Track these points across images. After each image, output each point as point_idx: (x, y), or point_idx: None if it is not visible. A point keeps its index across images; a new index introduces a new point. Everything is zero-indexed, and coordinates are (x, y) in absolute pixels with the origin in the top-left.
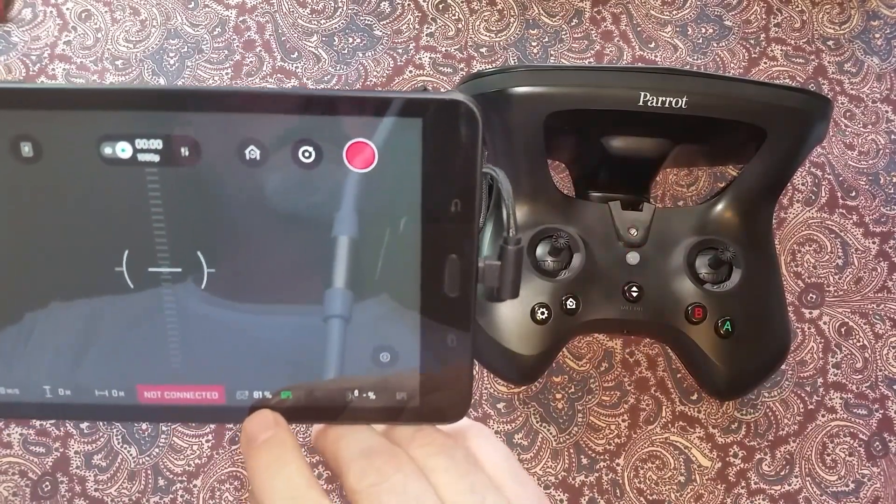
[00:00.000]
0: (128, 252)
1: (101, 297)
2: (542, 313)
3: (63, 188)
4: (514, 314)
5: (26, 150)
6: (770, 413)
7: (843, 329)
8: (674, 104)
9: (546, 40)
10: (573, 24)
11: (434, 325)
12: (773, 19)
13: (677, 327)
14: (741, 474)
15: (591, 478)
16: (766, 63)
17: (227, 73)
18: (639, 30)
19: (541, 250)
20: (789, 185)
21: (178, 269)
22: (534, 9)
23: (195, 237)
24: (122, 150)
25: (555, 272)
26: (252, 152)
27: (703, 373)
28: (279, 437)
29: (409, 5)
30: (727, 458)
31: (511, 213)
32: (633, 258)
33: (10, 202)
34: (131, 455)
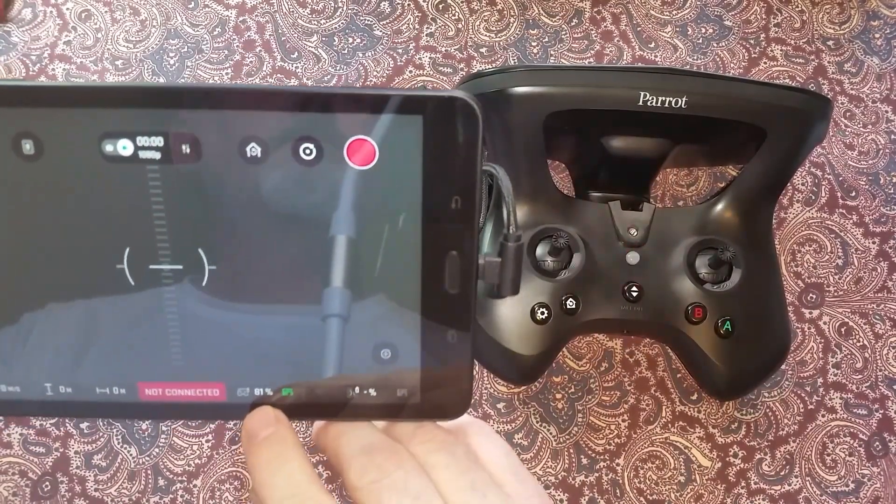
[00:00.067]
0: (129, 249)
1: (102, 294)
2: (542, 313)
3: (64, 186)
4: (514, 314)
5: (28, 147)
6: (770, 413)
7: (843, 329)
8: (674, 104)
9: (546, 40)
10: (573, 24)
11: (434, 321)
12: (773, 19)
13: (677, 327)
14: (741, 474)
15: (591, 478)
16: (766, 63)
17: (227, 74)
18: (639, 30)
19: (541, 250)
20: (789, 185)
21: (180, 267)
22: (534, 9)
23: (196, 235)
24: (123, 147)
25: (555, 272)
26: (253, 150)
27: (703, 373)
28: (280, 433)
29: (409, 5)
30: (727, 458)
31: (511, 209)
32: (633, 258)
33: (12, 200)
34: (131, 455)
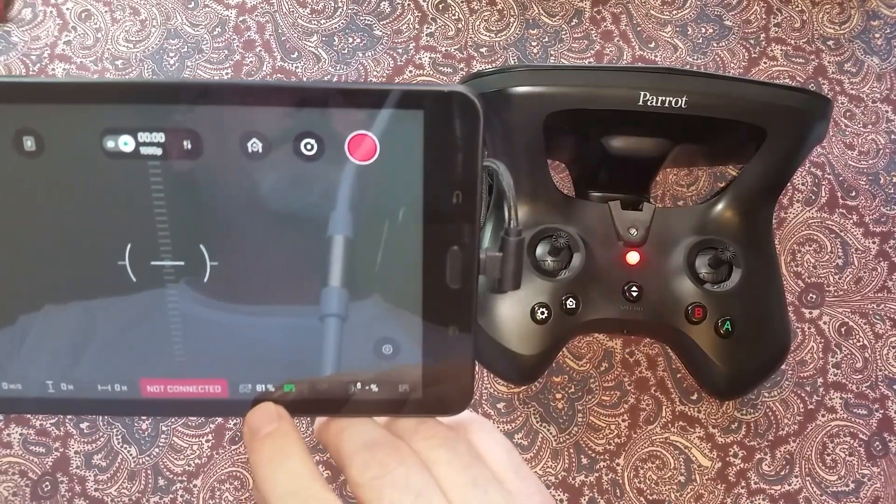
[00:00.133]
0: (130, 246)
1: (103, 291)
2: (542, 313)
3: (66, 182)
4: (514, 314)
5: (29, 144)
6: (770, 413)
7: (843, 329)
8: (674, 104)
9: (546, 40)
10: (573, 24)
11: (436, 317)
12: (773, 19)
13: (677, 327)
14: (741, 474)
15: (591, 478)
16: (766, 63)
17: (227, 73)
18: (639, 30)
19: (541, 250)
20: (789, 184)
21: (181, 263)
22: (534, 9)
23: (198, 231)
24: (124, 143)
25: (555, 272)
26: (254, 145)
27: (703, 373)
28: (282, 429)
29: (409, 5)
30: (727, 458)
31: (512, 204)
32: (633, 258)
33: (13, 196)
34: (131, 455)
